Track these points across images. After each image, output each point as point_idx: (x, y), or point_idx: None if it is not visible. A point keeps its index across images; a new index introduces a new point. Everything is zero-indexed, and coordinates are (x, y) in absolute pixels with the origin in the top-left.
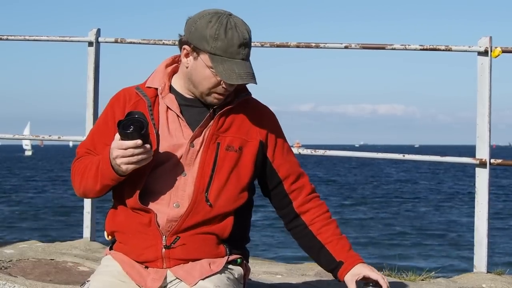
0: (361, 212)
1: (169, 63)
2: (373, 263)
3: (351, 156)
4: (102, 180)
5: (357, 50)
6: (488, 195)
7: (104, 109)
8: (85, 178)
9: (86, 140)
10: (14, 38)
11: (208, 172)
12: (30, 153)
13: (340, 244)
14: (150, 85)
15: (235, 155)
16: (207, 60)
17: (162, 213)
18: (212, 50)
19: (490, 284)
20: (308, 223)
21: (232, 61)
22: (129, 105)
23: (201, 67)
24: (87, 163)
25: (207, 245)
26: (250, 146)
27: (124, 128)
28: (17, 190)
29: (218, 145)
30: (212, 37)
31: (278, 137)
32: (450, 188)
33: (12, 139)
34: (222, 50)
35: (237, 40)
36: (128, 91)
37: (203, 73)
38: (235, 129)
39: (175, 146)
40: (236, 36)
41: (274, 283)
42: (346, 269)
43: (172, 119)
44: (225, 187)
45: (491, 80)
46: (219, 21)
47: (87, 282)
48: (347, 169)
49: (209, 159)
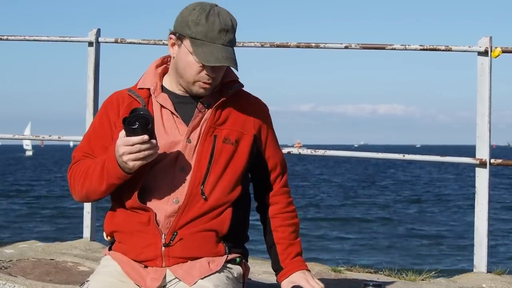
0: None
1: (159, 64)
2: (373, 263)
3: (351, 156)
4: (108, 179)
5: (357, 50)
6: (488, 195)
7: (97, 113)
8: (88, 180)
9: (82, 144)
10: (14, 38)
11: (205, 164)
12: (31, 153)
13: (289, 249)
14: (142, 86)
15: (231, 147)
16: (188, 46)
17: (161, 210)
18: (193, 35)
19: (490, 284)
20: (271, 215)
21: (212, 45)
22: (122, 107)
23: (184, 54)
24: (88, 165)
25: (207, 243)
26: (246, 139)
27: (129, 124)
28: (19, 191)
29: (215, 137)
30: (194, 21)
31: (270, 130)
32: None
33: (12, 139)
34: (203, 34)
35: (218, 25)
36: (120, 94)
37: (186, 60)
38: (231, 122)
39: (172, 144)
40: (218, 22)
41: (274, 283)
42: (284, 275)
43: (167, 117)
44: (221, 179)
45: (491, 80)
46: (202, 8)
47: (87, 282)
48: (350, 170)
49: (206, 151)
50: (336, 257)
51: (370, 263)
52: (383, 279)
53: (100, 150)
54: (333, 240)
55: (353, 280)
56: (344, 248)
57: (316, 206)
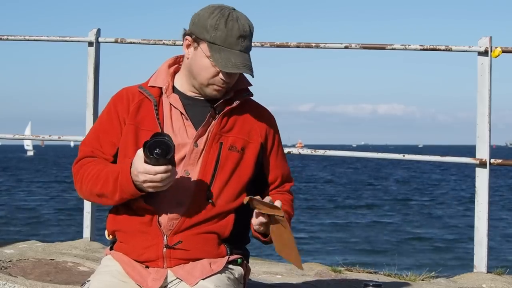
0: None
1: (172, 63)
2: (372, 263)
3: (351, 156)
4: (122, 195)
5: (357, 50)
6: (488, 195)
7: (105, 108)
8: (98, 187)
9: (89, 138)
10: (14, 38)
11: (211, 171)
12: (31, 153)
13: (279, 198)
14: (154, 84)
15: (237, 155)
16: (206, 50)
17: (164, 212)
18: (211, 39)
19: (490, 284)
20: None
21: (230, 51)
22: (132, 103)
23: (200, 56)
24: (98, 172)
25: (208, 245)
26: (252, 148)
27: (150, 149)
28: (20, 191)
29: (221, 144)
30: (213, 26)
31: (276, 141)
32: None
33: (12, 139)
34: (221, 39)
35: (237, 31)
36: (130, 90)
37: (202, 63)
38: (237, 130)
39: (179, 146)
40: (236, 27)
41: (274, 283)
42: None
43: (176, 117)
44: (226, 186)
45: (491, 80)
46: (221, 12)
47: (87, 282)
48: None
49: (212, 158)
50: (336, 257)
51: (370, 263)
52: (383, 279)
53: (108, 146)
54: (333, 239)
55: (353, 280)
56: (344, 248)
57: (313, 208)
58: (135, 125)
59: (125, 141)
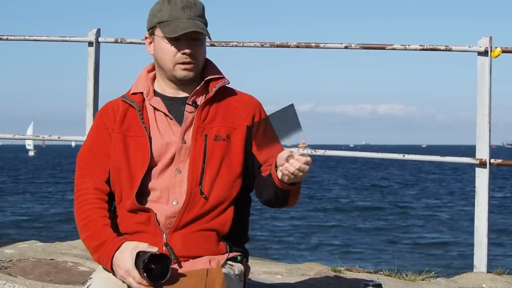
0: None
1: (151, 69)
2: (373, 263)
3: (351, 156)
4: (99, 260)
5: (357, 50)
6: (488, 195)
7: (93, 123)
8: (84, 236)
9: (85, 152)
10: (14, 38)
11: (200, 165)
12: (33, 153)
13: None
14: (135, 90)
15: (224, 144)
16: (159, 32)
17: (161, 211)
18: (159, 20)
19: (490, 284)
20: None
21: (178, 21)
22: (118, 114)
23: (158, 43)
24: (91, 222)
25: (208, 242)
26: (238, 133)
27: (146, 267)
28: (21, 191)
29: (206, 136)
30: (158, 9)
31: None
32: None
33: (12, 139)
34: (167, 15)
35: (180, 4)
36: (114, 102)
37: (161, 47)
38: (220, 119)
39: (168, 145)
40: (180, 1)
41: (274, 283)
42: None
43: (160, 119)
44: (218, 177)
45: (491, 80)
46: None
47: (89, 279)
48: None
49: (199, 151)
50: (336, 257)
51: (370, 262)
52: (383, 279)
53: (103, 158)
54: (333, 240)
55: (353, 280)
56: (344, 249)
57: (320, 209)
58: (122, 133)
59: (114, 150)
